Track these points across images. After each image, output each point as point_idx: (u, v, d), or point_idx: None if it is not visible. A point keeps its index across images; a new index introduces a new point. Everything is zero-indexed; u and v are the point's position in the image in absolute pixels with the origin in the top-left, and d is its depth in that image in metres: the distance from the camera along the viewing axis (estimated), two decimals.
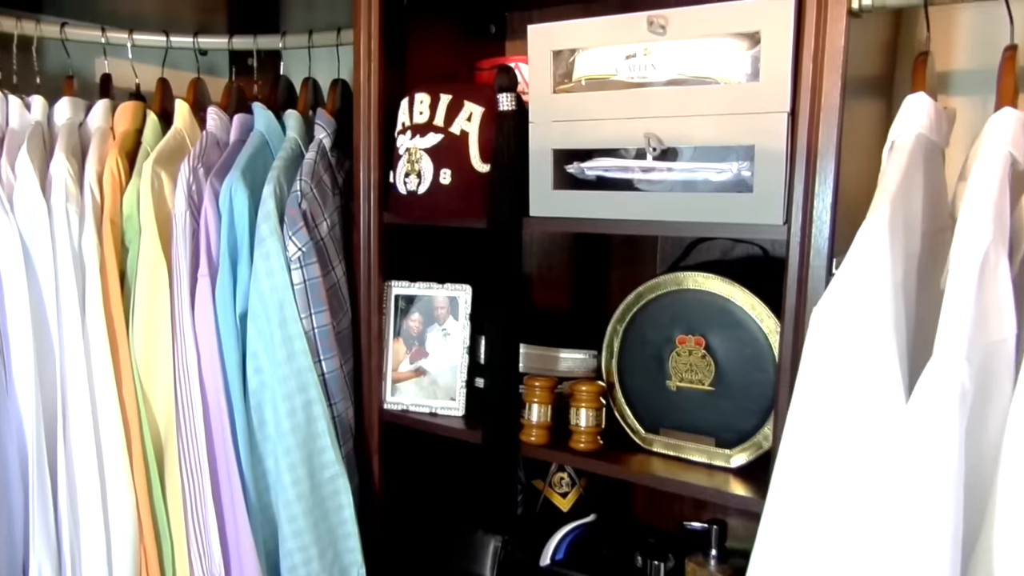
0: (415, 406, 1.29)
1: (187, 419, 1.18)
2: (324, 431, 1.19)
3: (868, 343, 0.66)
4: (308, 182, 1.20)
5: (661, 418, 1.10)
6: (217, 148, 1.30)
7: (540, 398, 1.14)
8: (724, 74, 0.94)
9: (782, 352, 0.93)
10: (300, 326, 1.17)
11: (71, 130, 1.28)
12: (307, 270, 1.18)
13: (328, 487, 1.21)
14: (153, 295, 1.19)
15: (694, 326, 1.06)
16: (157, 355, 1.20)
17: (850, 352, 0.68)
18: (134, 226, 1.21)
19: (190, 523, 1.19)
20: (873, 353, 0.66)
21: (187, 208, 1.19)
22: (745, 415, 1.03)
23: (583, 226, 1.07)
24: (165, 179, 1.23)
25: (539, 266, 1.51)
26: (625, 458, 1.10)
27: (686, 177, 0.99)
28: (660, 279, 1.09)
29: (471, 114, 1.13)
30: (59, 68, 1.49)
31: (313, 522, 1.20)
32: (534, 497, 1.34)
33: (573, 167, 1.08)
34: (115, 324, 1.19)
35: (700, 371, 1.06)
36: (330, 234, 1.25)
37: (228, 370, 1.19)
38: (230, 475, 1.18)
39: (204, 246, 1.19)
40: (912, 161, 0.73)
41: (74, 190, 1.19)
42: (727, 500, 1.00)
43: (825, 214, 0.87)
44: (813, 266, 0.88)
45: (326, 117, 1.30)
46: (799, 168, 0.89)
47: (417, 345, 1.30)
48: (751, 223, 0.93)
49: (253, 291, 1.18)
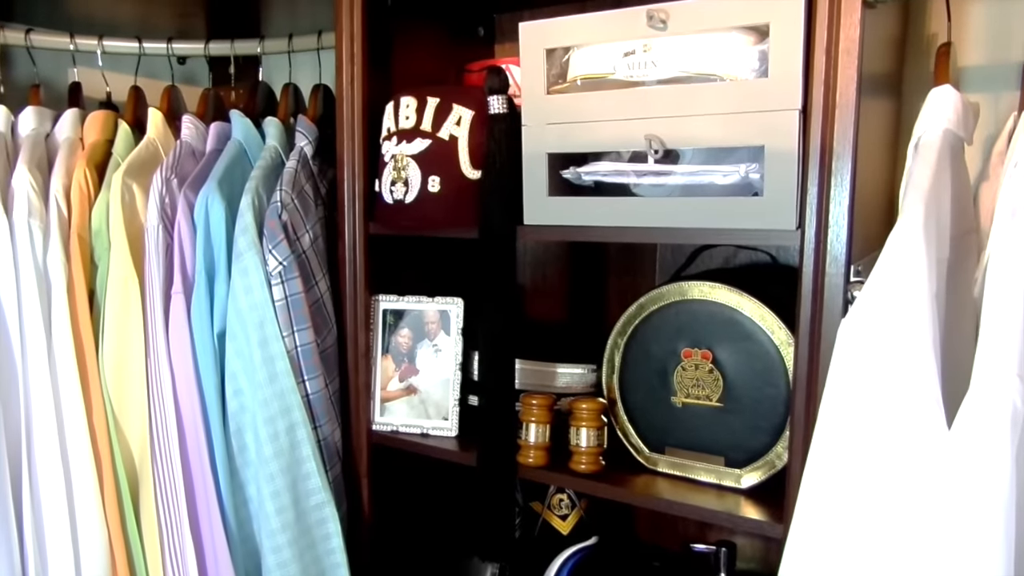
0: (405, 427, 1.22)
1: (162, 446, 1.11)
2: (309, 456, 1.12)
3: (905, 361, 0.60)
4: (289, 192, 1.14)
5: (666, 436, 1.04)
6: (192, 158, 1.23)
7: (538, 417, 1.07)
8: (730, 71, 0.88)
9: (797, 366, 0.87)
10: (282, 345, 1.10)
11: (36, 141, 1.21)
12: (288, 285, 1.11)
13: (314, 515, 1.14)
14: (124, 314, 1.12)
15: (700, 339, 1.00)
16: (129, 378, 1.13)
17: (884, 370, 0.62)
18: (103, 242, 1.14)
19: (167, 556, 1.12)
20: (910, 372, 0.60)
21: (160, 221, 1.12)
22: (756, 432, 0.97)
23: (581, 234, 1.01)
24: (137, 191, 1.16)
25: (532, 276, 1.45)
26: (629, 480, 1.04)
27: (690, 181, 0.94)
28: (663, 289, 1.03)
29: (460, 118, 1.07)
30: (25, 78, 1.42)
31: (299, 552, 1.13)
32: (532, 520, 1.27)
33: (569, 172, 1.02)
34: (84, 346, 1.12)
35: (707, 386, 1.00)
36: (312, 247, 1.18)
37: (205, 393, 1.12)
38: (209, 505, 1.11)
39: (178, 262, 1.12)
40: (941, 159, 0.68)
41: (38, 204, 1.12)
42: (739, 524, 0.94)
43: (842, 218, 0.82)
44: (829, 274, 0.83)
45: (307, 124, 1.23)
46: (812, 169, 0.83)
47: (407, 362, 1.23)
48: (761, 228, 0.88)
49: (231, 309, 1.11)
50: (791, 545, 0.71)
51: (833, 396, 0.67)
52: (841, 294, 0.82)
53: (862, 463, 0.64)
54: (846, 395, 0.65)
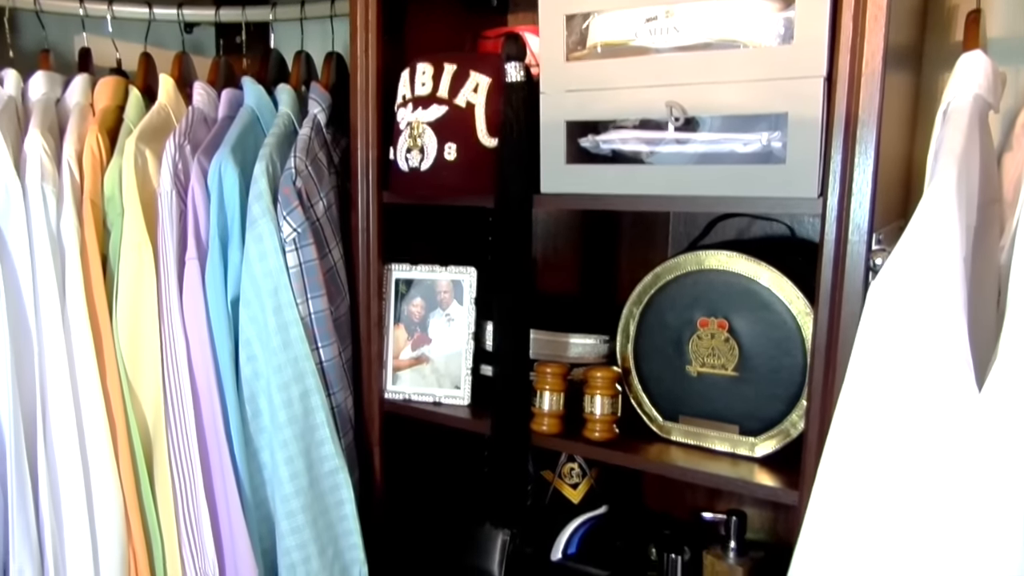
0: (417, 395, 1.23)
1: (176, 412, 1.11)
2: (323, 422, 1.13)
3: (936, 322, 0.60)
4: (303, 159, 1.13)
5: (680, 405, 1.05)
6: (205, 125, 1.22)
7: (552, 385, 1.08)
8: (754, 37, 0.88)
9: (816, 334, 0.87)
10: (296, 312, 1.10)
11: (47, 106, 1.20)
12: (303, 252, 1.11)
13: (327, 481, 1.15)
14: (138, 280, 1.12)
15: (717, 308, 1.00)
16: (143, 344, 1.13)
17: (916, 330, 0.62)
18: (116, 207, 1.14)
19: (181, 521, 1.12)
20: (942, 333, 0.60)
21: (173, 187, 1.11)
22: (771, 401, 0.98)
23: (599, 203, 1.01)
24: (149, 157, 1.15)
25: (544, 249, 1.44)
26: (643, 447, 1.04)
27: (710, 149, 0.93)
28: (679, 259, 1.03)
29: (477, 85, 1.06)
30: (34, 44, 1.41)
31: (312, 518, 1.13)
32: (543, 489, 1.28)
33: (587, 140, 1.02)
34: (97, 311, 1.11)
35: (723, 355, 1.00)
36: (326, 214, 1.17)
37: (220, 359, 1.12)
38: (223, 470, 1.12)
39: (192, 227, 1.12)
40: (971, 125, 0.68)
41: (51, 169, 1.11)
42: (754, 491, 0.95)
43: (865, 186, 0.81)
44: (851, 242, 0.83)
45: (321, 91, 1.22)
46: (836, 137, 0.83)
47: (419, 331, 1.23)
48: (783, 197, 0.87)
49: (245, 275, 1.11)
50: (814, 505, 0.71)
51: (862, 355, 0.67)
52: (863, 263, 0.82)
53: (890, 422, 0.64)
54: (876, 353, 0.65)
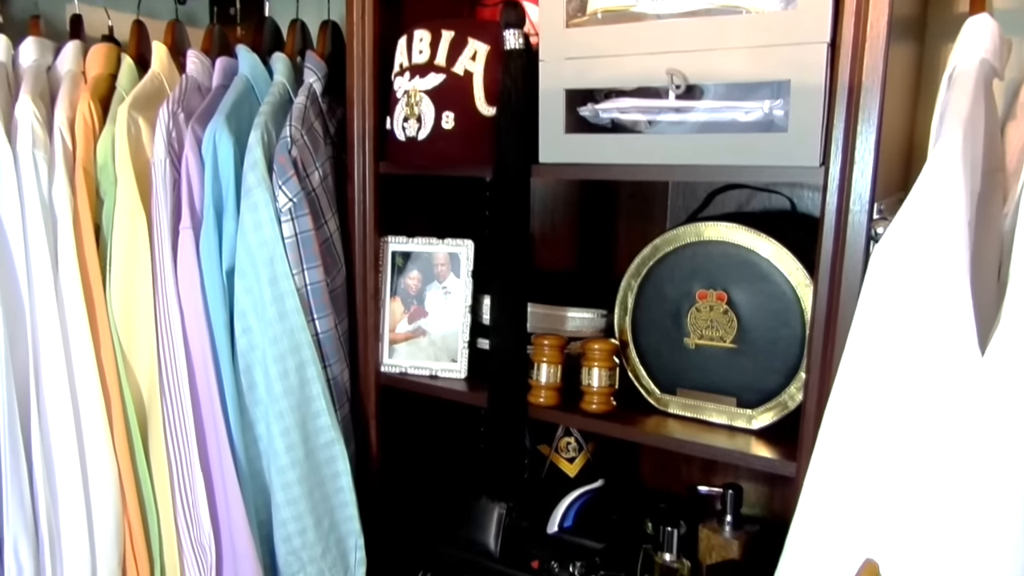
0: (414, 368, 1.22)
1: (171, 382, 1.10)
2: (319, 394, 1.12)
3: (940, 284, 0.60)
4: (298, 128, 1.11)
5: (678, 378, 1.04)
6: (198, 93, 1.21)
7: (550, 357, 1.07)
8: (756, 2, 0.86)
9: (816, 305, 0.86)
10: (292, 283, 1.09)
11: (38, 73, 1.18)
12: (298, 223, 1.10)
13: (323, 453, 1.14)
14: (132, 249, 1.10)
15: (715, 280, 0.99)
16: (137, 314, 1.12)
17: (919, 297, 0.61)
18: (109, 175, 1.12)
19: (177, 493, 1.12)
20: (946, 295, 0.60)
21: (167, 155, 1.10)
22: (769, 374, 0.97)
23: (598, 173, 1.00)
24: (143, 125, 1.14)
25: (541, 224, 1.43)
26: (640, 420, 1.04)
27: (711, 118, 0.92)
28: (679, 230, 1.02)
29: (475, 52, 1.04)
30: (25, 10, 1.38)
31: (308, 490, 1.13)
32: (539, 463, 1.28)
33: (587, 109, 1.00)
34: (91, 280, 1.10)
35: (721, 327, 1.00)
36: (322, 185, 1.16)
37: (215, 330, 1.11)
38: (219, 441, 1.11)
39: (186, 196, 1.10)
40: (977, 89, 0.67)
41: (42, 135, 1.09)
42: (751, 462, 0.95)
43: (868, 155, 0.80)
44: (852, 211, 0.82)
45: (316, 60, 1.20)
46: (839, 105, 0.82)
47: (416, 304, 1.22)
48: (784, 166, 0.86)
49: (240, 245, 1.10)
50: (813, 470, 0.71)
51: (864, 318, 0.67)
52: (864, 232, 0.81)
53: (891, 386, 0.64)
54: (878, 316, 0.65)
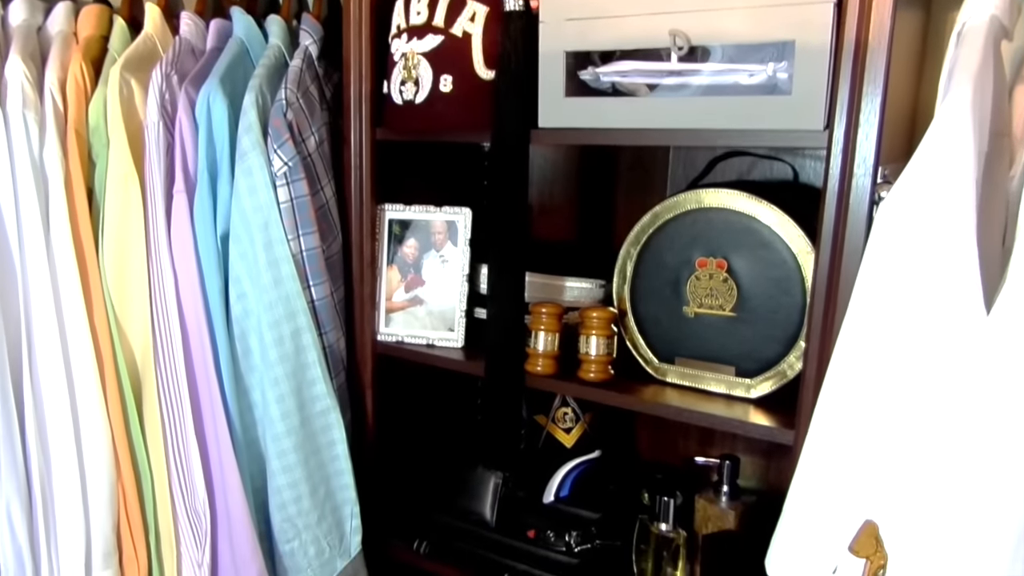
0: (411, 337, 1.21)
1: (165, 348, 1.09)
2: (314, 361, 1.11)
3: (947, 242, 0.59)
4: (294, 91, 1.10)
5: (677, 347, 1.03)
6: (192, 56, 1.18)
7: (547, 325, 1.06)
8: None
9: (817, 271, 0.85)
10: (287, 248, 1.08)
11: (28, 32, 1.15)
12: (294, 187, 1.08)
13: (319, 421, 1.14)
14: (124, 213, 1.09)
15: (716, 247, 0.98)
16: (130, 279, 1.10)
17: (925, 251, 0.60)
18: (101, 138, 1.10)
19: (171, 458, 1.12)
20: (953, 254, 0.58)
21: (160, 118, 1.08)
22: (768, 342, 0.96)
23: (599, 137, 0.99)
24: (135, 87, 1.12)
25: (539, 194, 1.42)
26: (638, 389, 1.03)
27: (714, 81, 0.90)
28: (679, 197, 1.01)
29: (474, 14, 1.02)
30: None
31: (303, 457, 1.13)
32: (536, 433, 1.27)
33: (587, 73, 0.99)
34: (83, 244, 1.09)
35: (721, 296, 0.99)
36: (318, 150, 1.14)
37: (209, 296, 1.10)
38: (213, 408, 1.10)
39: (180, 160, 1.08)
40: (987, 46, 0.65)
41: (32, 96, 1.07)
42: (749, 431, 0.94)
43: (873, 117, 0.79)
44: (856, 175, 0.81)
45: (312, 23, 1.18)
46: (845, 66, 0.80)
47: (413, 273, 1.21)
48: (788, 129, 0.85)
49: (235, 210, 1.08)
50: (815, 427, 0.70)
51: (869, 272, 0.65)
52: (868, 196, 0.80)
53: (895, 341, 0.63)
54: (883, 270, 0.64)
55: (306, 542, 1.16)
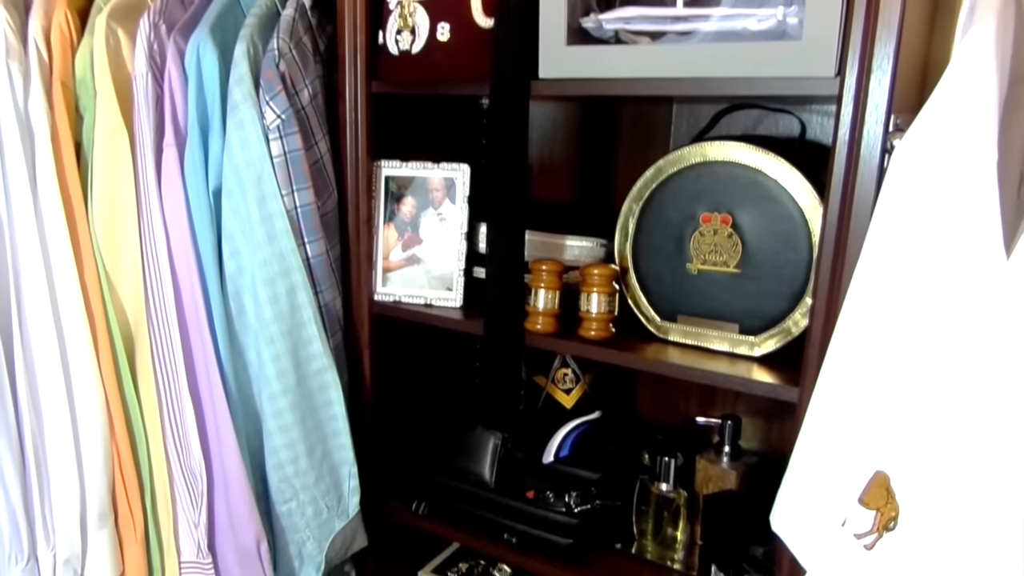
0: (408, 297, 1.19)
1: (158, 307, 1.07)
2: (310, 319, 1.09)
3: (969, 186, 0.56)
4: (287, 41, 1.06)
5: (679, 304, 1.01)
6: (181, 5, 1.14)
7: (547, 283, 1.04)
8: None
9: (825, 225, 0.83)
10: (280, 203, 1.05)
11: None
12: (287, 141, 1.05)
13: (315, 380, 1.12)
14: (114, 167, 1.06)
15: (720, 202, 0.96)
16: (121, 235, 1.08)
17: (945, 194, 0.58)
18: (88, 90, 1.07)
19: (166, 418, 1.10)
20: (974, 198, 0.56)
21: (148, 69, 1.05)
22: (773, 299, 0.95)
23: (601, 88, 0.95)
24: (122, 36, 1.08)
25: (539, 153, 1.39)
26: (640, 347, 1.02)
27: (721, 27, 0.87)
28: (683, 151, 0.98)
29: None
30: None
31: (300, 417, 1.11)
32: (536, 394, 1.26)
33: (589, 20, 0.95)
34: (72, 200, 1.06)
35: (725, 252, 0.96)
36: (312, 104, 1.11)
37: (202, 253, 1.08)
38: (208, 367, 1.09)
39: (169, 112, 1.05)
40: None
41: (16, 45, 1.03)
42: (753, 388, 0.92)
43: (886, 63, 0.76)
44: (868, 124, 0.78)
45: None
46: (857, 10, 0.77)
47: (410, 231, 1.19)
48: (798, 77, 0.82)
49: (227, 164, 1.05)
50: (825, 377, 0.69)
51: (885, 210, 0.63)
52: (879, 145, 0.77)
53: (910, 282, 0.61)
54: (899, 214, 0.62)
55: (304, 503, 1.15)
